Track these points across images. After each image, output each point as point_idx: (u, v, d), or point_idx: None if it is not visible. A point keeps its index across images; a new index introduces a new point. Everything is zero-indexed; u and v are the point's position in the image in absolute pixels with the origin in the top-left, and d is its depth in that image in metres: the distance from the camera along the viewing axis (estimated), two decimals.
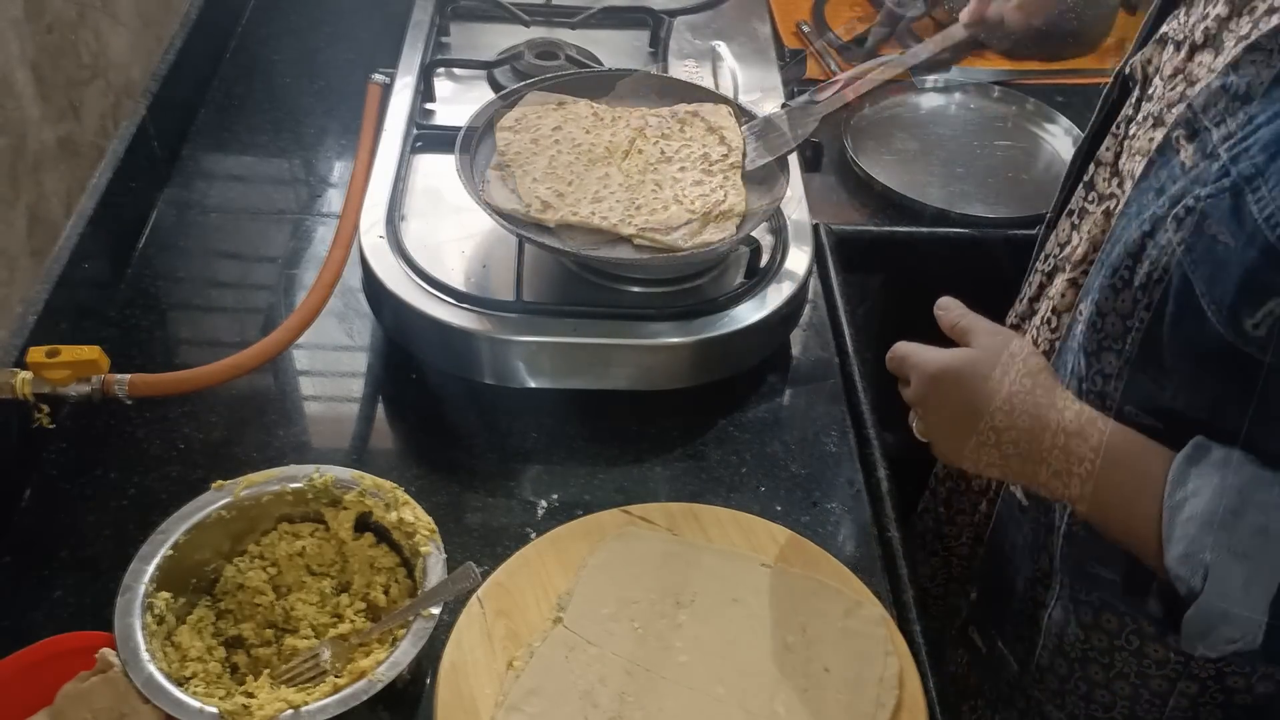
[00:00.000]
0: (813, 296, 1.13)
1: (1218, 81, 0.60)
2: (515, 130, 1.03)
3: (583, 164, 1.00)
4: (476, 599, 0.82)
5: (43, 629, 0.80)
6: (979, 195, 1.28)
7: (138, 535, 0.79)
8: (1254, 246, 0.55)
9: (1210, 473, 0.61)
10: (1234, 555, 0.59)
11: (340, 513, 0.84)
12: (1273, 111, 0.56)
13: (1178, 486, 0.62)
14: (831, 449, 1.00)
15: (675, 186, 0.98)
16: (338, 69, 1.41)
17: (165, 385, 0.88)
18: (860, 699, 0.78)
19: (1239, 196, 0.56)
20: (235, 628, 0.81)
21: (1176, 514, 0.61)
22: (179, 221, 1.18)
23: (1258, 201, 0.55)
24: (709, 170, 1.00)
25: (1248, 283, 0.56)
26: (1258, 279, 0.55)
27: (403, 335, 1.01)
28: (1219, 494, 0.60)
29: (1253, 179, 0.56)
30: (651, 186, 0.98)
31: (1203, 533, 0.60)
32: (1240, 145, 0.57)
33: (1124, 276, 0.66)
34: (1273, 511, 0.59)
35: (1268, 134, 0.56)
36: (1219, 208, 0.57)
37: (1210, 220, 0.58)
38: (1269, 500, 0.59)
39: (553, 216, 0.94)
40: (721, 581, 0.85)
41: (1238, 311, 0.57)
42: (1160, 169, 0.65)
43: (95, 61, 1.07)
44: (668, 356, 0.97)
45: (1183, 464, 0.62)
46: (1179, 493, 0.61)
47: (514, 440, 0.99)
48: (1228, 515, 0.59)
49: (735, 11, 1.40)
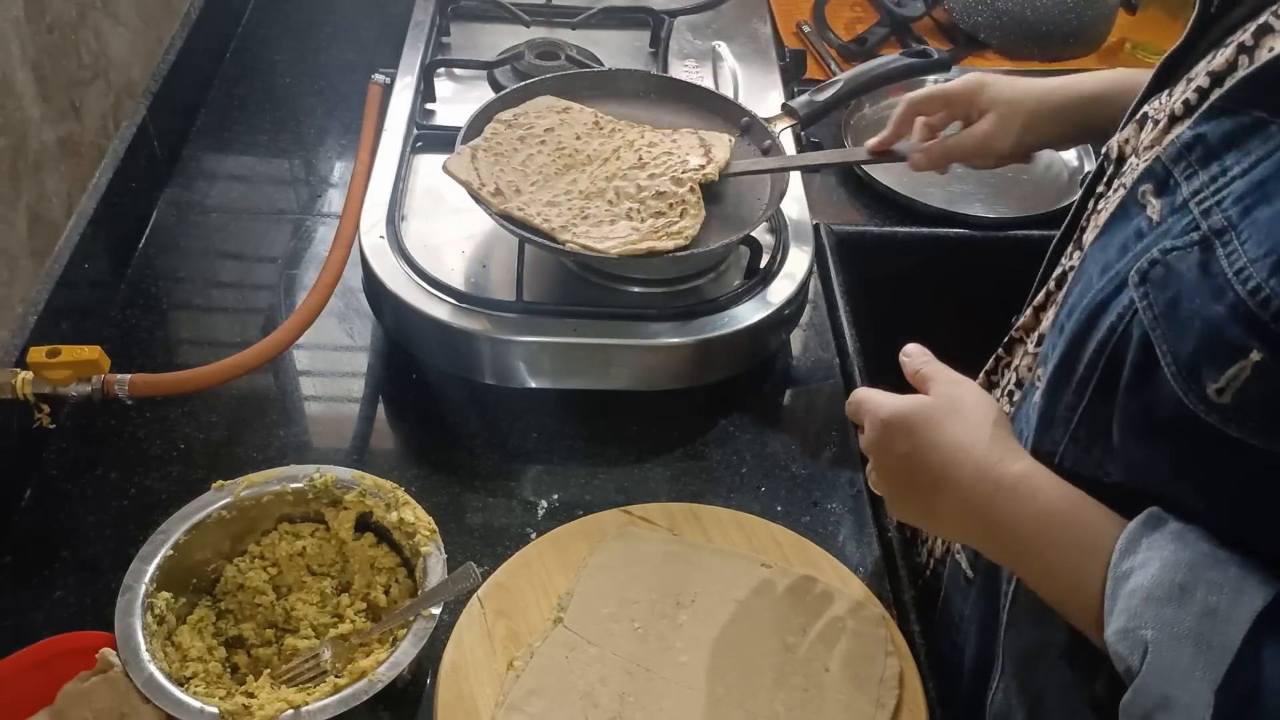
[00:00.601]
0: (813, 296, 1.13)
1: (1190, 134, 0.57)
2: (509, 125, 1.03)
3: (555, 168, 0.99)
4: (477, 599, 0.82)
5: (43, 629, 0.80)
6: (979, 195, 1.28)
7: (138, 535, 0.79)
8: (1221, 302, 0.51)
9: (1162, 544, 0.56)
10: (1178, 636, 0.53)
11: (341, 513, 0.84)
12: (1247, 164, 0.53)
13: (1125, 556, 0.57)
14: (832, 449, 1.00)
15: (635, 198, 0.96)
16: (338, 69, 1.41)
17: (165, 385, 0.88)
18: (860, 699, 0.78)
19: (1208, 250, 0.52)
20: (236, 628, 0.81)
21: (1121, 585, 0.56)
22: (179, 222, 1.18)
23: (1228, 255, 0.51)
24: (679, 180, 0.96)
25: (1212, 342, 0.52)
26: (1223, 338, 0.51)
27: (403, 335, 1.01)
28: (1169, 568, 0.55)
29: (1223, 232, 0.52)
30: (610, 196, 0.96)
31: (1146, 607, 0.55)
32: (1212, 199, 0.54)
33: (1079, 340, 0.62)
34: (1225, 592, 0.53)
35: (1241, 186, 0.53)
36: (1186, 261, 0.54)
37: (1175, 275, 0.54)
38: (1222, 580, 0.54)
39: (499, 204, 0.93)
40: (722, 581, 0.85)
41: (1199, 374, 0.52)
42: (1124, 225, 0.61)
43: (96, 61, 1.07)
44: (668, 356, 0.97)
45: (1135, 532, 0.57)
46: (1126, 562, 0.56)
47: (514, 440, 0.99)
48: (1176, 591, 0.54)
49: (735, 11, 1.40)
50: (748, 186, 1.02)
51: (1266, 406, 0.51)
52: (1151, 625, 0.54)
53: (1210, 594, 0.53)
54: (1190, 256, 0.53)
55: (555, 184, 0.98)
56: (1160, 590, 0.54)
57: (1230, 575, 0.54)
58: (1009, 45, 1.51)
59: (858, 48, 1.47)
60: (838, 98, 1.09)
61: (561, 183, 0.98)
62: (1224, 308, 0.51)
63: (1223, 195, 0.53)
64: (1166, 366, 0.54)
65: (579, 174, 0.99)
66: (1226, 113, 0.56)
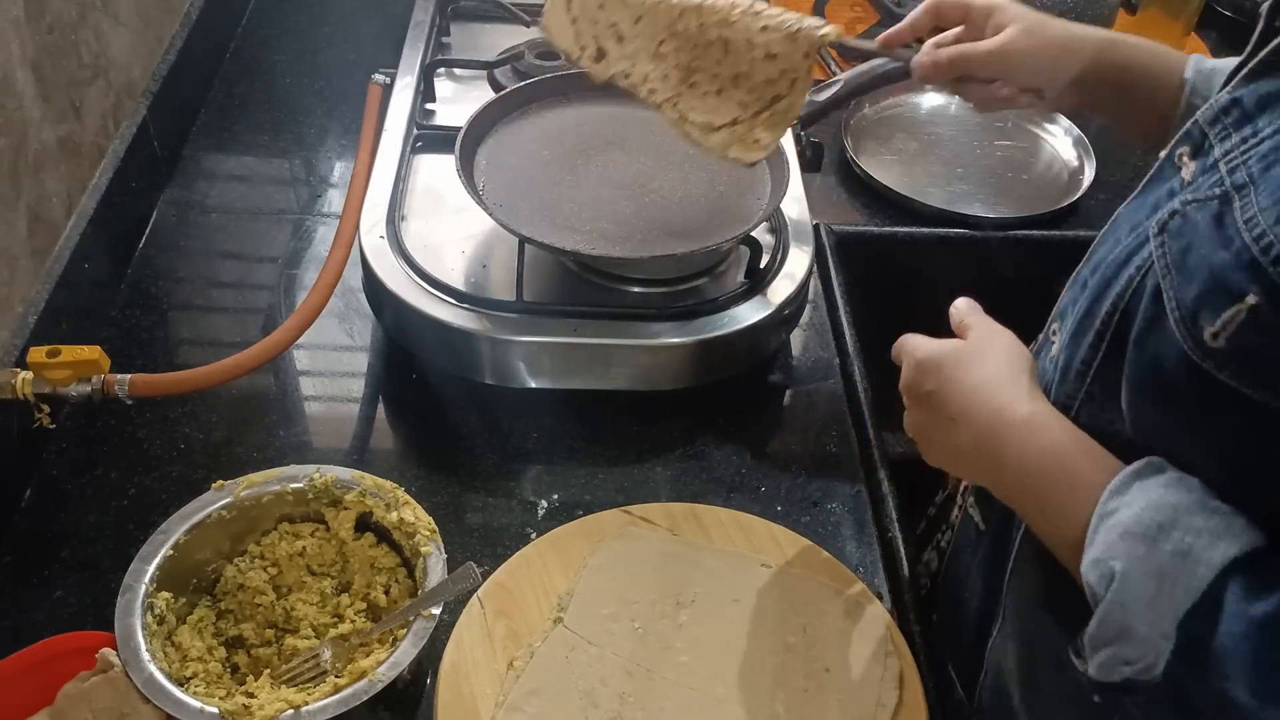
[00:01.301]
0: (813, 296, 1.13)
1: (1227, 98, 0.59)
2: None
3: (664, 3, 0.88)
4: (477, 599, 0.82)
5: (43, 629, 0.80)
6: (979, 195, 1.28)
7: (138, 535, 0.79)
8: (1228, 250, 0.53)
9: (1154, 488, 0.57)
10: (1146, 572, 0.54)
11: (341, 513, 0.84)
12: (1277, 125, 0.55)
13: (1115, 495, 0.58)
14: (832, 449, 1.00)
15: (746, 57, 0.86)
16: (338, 69, 1.41)
17: (165, 385, 0.88)
18: (860, 699, 0.78)
19: (1226, 204, 0.54)
20: (236, 628, 0.81)
21: (1104, 521, 0.57)
22: (180, 221, 1.18)
23: (1243, 208, 0.53)
24: (793, 38, 0.85)
25: (1213, 287, 0.53)
26: (1224, 283, 0.52)
27: (403, 335, 1.01)
28: (1152, 508, 0.56)
29: (1243, 187, 0.54)
30: (718, 52, 0.87)
31: (1121, 541, 0.56)
32: (1240, 159, 0.56)
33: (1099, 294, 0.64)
34: (1203, 537, 0.54)
35: (1267, 146, 0.54)
36: (1203, 212, 0.55)
37: (1191, 224, 0.56)
38: (1203, 526, 0.54)
39: (602, 71, 0.86)
40: (722, 581, 0.85)
41: (1198, 319, 0.54)
42: (1158, 186, 0.63)
43: (96, 61, 1.07)
44: (668, 356, 0.97)
45: (1130, 475, 0.58)
46: (1114, 501, 0.58)
47: (514, 440, 0.99)
48: (1154, 529, 0.55)
49: None
50: (748, 186, 1.03)
51: (1259, 353, 0.52)
52: (1122, 557, 0.55)
53: (1187, 536, 0.54)
54: (1208, 208, 0.55)
55: (661, 24, 0.88)
56: (1139, 527, 0.55)
57: (1213, 523, 0.54)
58: None
59: None
60: (838, 98, 1.09)
61: (668, 23, 0.88)
62: (1229, 254, 0.52)
63: (1249, 154, 0.55)
64: (1171, 313, 0.55)
65: (690, 12, 0.88)
66: (1263, 77, 0.57)
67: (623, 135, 1.07)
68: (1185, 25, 1.51)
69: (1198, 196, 0.56)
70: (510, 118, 1.08)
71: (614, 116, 1.09)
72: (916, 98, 1.42)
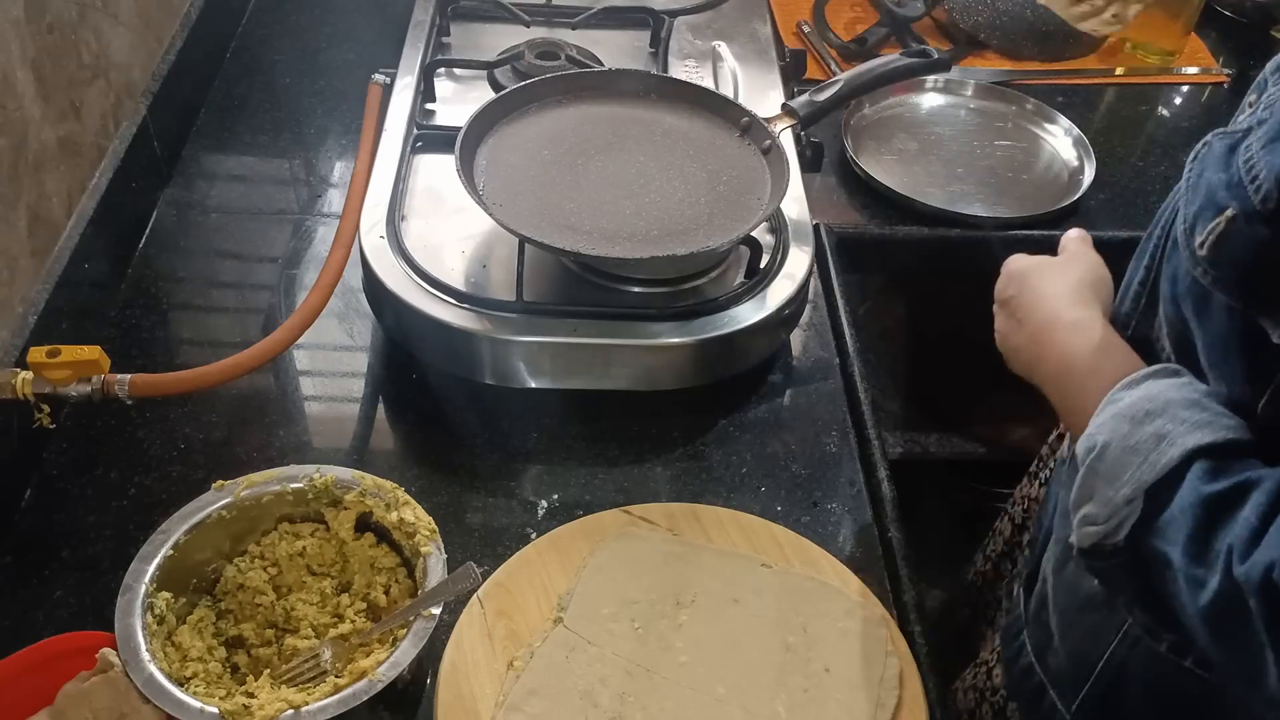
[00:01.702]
0: (813, 296, 1.13)
1: None
2: None
3: None
4: (477, 599, 0.82)
5: (43, 629, 0.80)
6: (979, 195, 1.28)
7: (138, 535, 0.79)
8: (1225, 172, 0.58)
9: (1160, 383, 0.62)
10: (1124, 448, 0.60)
11: (341, 513, 0.84)
12: None
13: (1125, 387, 0.63)
14: (832, 449, 1.00)
15: None
16: (338, 69, 1.41)
17: (166, 385, 0.88)
18: (860, 699, 0.78)
19: (1244, 138, 0.58)
20: (236, 628, 0.81)
21: (1107, 407, 0.63)
22: (180, 222, 1.18)
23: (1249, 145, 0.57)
24: None
25: (1207, 202, 0.58)
26: (1214, 198, 0.58)
27: (403, 335, 1.01)
28: (1147, 398, 0.61)
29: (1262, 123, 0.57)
30: None
31: (1111, 420, 0.62)
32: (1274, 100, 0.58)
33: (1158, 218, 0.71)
34: (1184, 426, 0.59)
35: None
36: (1224, 142, 0.59)
37: (1211, 152, 0.60)
38: (1188, 417, 0.59)
39: None
40: (722, 582, 0.85)
41: (1194, 231, 0.59)
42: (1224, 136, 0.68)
43: (96, 61, 1.07)
44: (668, 356, 0.97)
45: (1144, 375, 0.64)
46: (1122, 392, 0.63)
47: (514, 440, 0.99)
48: (1142, 414, 0.60)
49: (736, 11, 1.40)
50: (748, 186, 1.03)
51: (1236, 262, 0.57)
52: (1108, 434, 0.61)
53: (1169, 424, 0.59)
54: (1228, 139, 0.60)
55: None
56: (1130, 411, 0.61)
57: (1199, 417, 0.59)
58: (1009, 45, 1.51)
59: (858, 48, 1.47)
60: (838, 98, 1.09)
61: None
62: (1225, 176, 0.58)
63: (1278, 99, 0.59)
64: (1178, 226, 0.61)
65: None
66: None
67: (623, 135, 1.07)
68: (1185, 25, 1.51)
69: (1229, 130, 0.61)
70: (510, 118, 1.08)
71: (614, 116, 1.09)
72: (916, 98, 1.42)
